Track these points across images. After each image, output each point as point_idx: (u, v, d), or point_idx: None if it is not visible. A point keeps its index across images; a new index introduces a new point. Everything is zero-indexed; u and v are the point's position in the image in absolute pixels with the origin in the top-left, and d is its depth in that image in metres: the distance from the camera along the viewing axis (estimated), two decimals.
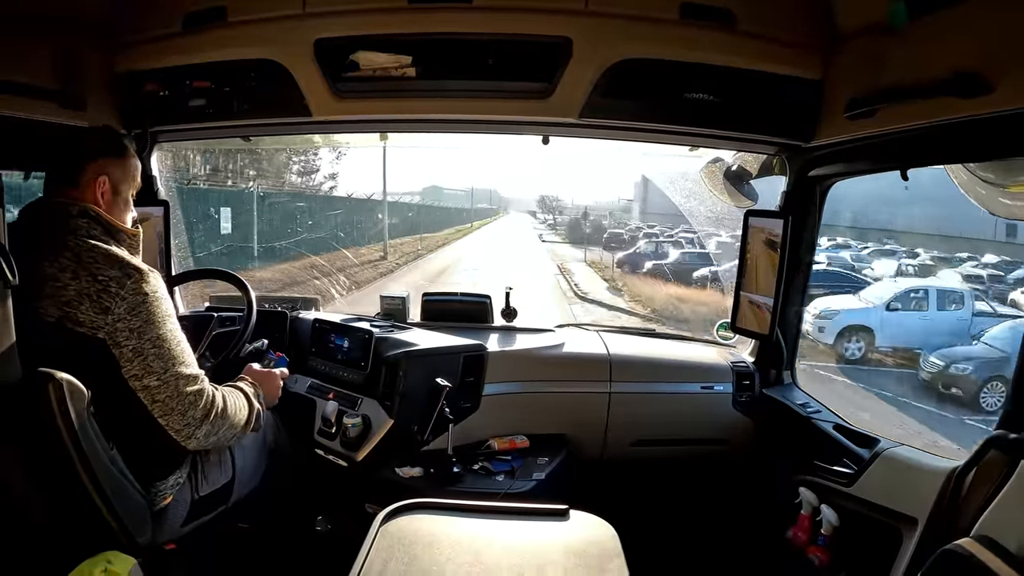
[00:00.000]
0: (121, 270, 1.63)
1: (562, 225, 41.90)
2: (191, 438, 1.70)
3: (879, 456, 2.04)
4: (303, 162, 19.53)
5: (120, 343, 1.61)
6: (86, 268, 1.61)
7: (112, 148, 1.82)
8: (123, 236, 1.76)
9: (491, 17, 2.13)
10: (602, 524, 1.58)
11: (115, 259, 1.65)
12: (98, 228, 1.71)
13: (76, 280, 1.60)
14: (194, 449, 1.76)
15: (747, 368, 2.81)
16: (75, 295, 1.59)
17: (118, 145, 1.85)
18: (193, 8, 2.22)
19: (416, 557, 1.40)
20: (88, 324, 1.59)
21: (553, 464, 2.51)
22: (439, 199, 45.10)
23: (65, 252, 1.62)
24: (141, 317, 1.63)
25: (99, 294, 1.60)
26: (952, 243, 18.04)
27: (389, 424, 2.43)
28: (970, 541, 1.40)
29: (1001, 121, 1.55)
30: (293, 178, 19.43)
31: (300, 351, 2.80)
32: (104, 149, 1.80)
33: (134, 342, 1.62)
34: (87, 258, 1.63)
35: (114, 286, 1.61)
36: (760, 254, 2.54)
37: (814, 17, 2.09)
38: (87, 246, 1.65)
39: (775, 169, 2.62)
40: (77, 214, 1.69)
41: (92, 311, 1.59)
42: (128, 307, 1.61)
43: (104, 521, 1.60)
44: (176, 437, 1.69)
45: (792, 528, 2.28)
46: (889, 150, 2.01)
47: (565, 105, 2.23)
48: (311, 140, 3.01)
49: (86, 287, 1.60)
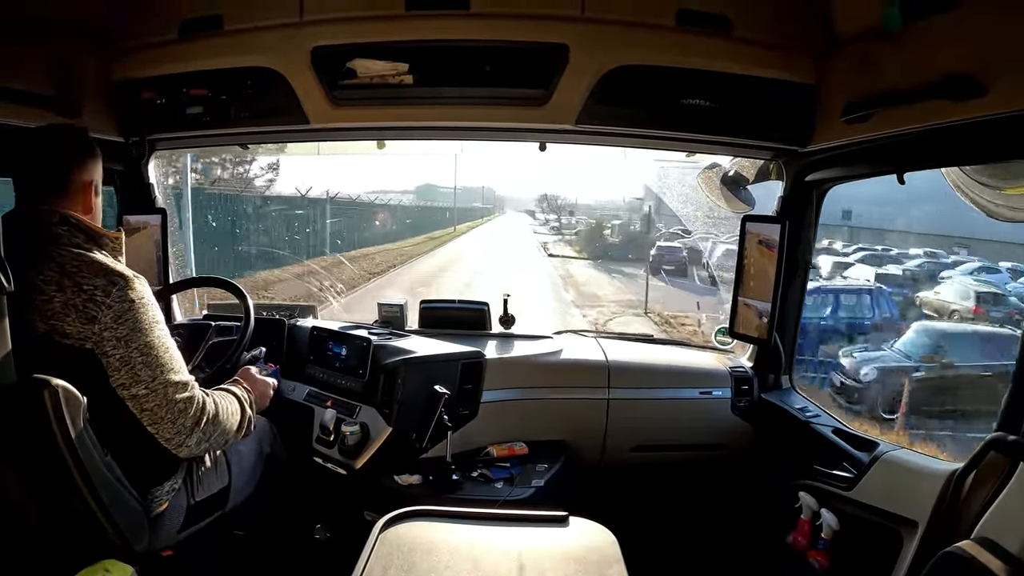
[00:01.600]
0: (106, 278, 1.60)
1: (570, 229, 37.18)
2: (182, 446, 1.67)
3: (878, 460, 2.03)
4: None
5: (107, 352, 1.58)
6: (71, 278, 1.58)
7: (89, 147, 1.76)
8: (105, 241, 1.71)
9: (488, 24, 2.14)
10: (602, 530, 1.58)
11: (99, 267, 1.62)
12: (80, 236, 1.66)
13: (61, 292, 1.57)
14: (186, 457, 1.72)
15: (745, 373, 2.80)
16: (60, 307, 1.56)
17: (90, 142, 1.78)
18: (189, 15, 2.22)
19: (415, 565, 1.39)
20: (75, 336, 1.57)
21: (552, 471, 2.50)
22: (433, 198, 42.56)
23: (49, 263, 1.59)
24: (128, 325, 1.60)
25: (85, 304, 1.57)
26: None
27: (387, 432, 2.42)
28: (971, 543, 1.41)
29: (996, 124, 1.56)
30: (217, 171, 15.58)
31: (298, 359, 2.80)
32: (83, 150, 1.74)
33: (121, 351, 1.59)
34: (71, 268, 1.59)
35: (100, 295, 1.58)
36: (757, 259, 2.54)
37: (809, 23, 2.10)
38: (71, 255, 1.61)
39: (772, 174, 2.63)
40: (58, 222, 1.64)
41: (78, 322, 1.56)
42: (114, 315, 1.58)
43: (100, 528, 1.59)
44: (167, 446, 1.66)
45: (792, 533, 2.27)
46: (885, 154, 2.02)
47: (562, 112, 2.23)
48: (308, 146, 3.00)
49: (71, 298, 1.57)
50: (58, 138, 1.73)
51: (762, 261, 2.51)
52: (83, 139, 1.77)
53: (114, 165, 2.61)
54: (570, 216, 41.33)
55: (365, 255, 18.59)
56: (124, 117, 2.40)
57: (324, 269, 9.81)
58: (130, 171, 2.69)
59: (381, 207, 24.06)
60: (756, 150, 2.51)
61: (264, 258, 13.73)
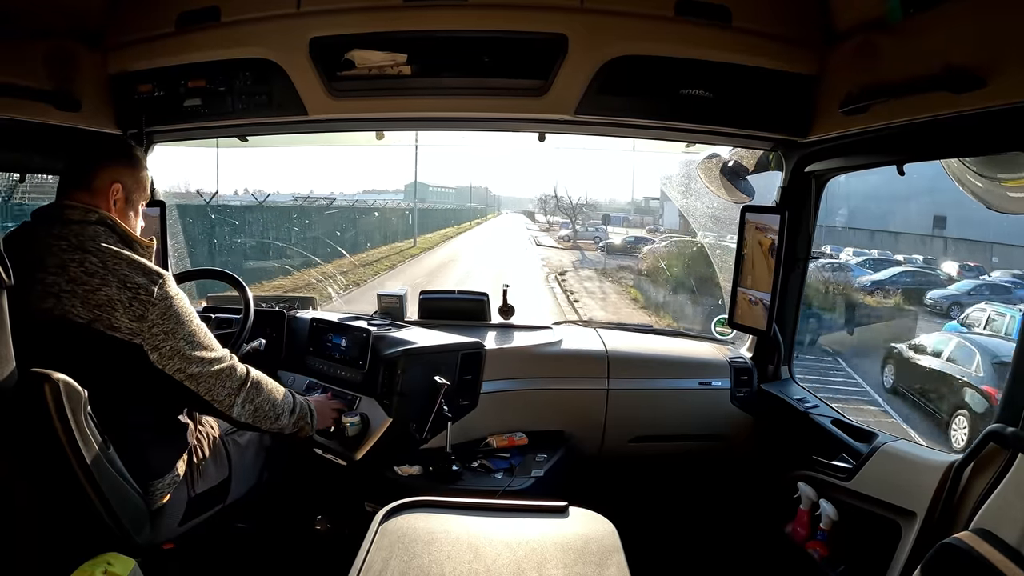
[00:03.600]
0: (147, 276, 1.69)
1: (588, 239, 30.13)
2: (232, 406, 1.85)
3: (877, 450, 2.04)
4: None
5: (158, 346, 1.70)
6: (114, 274, 1.66)
7: (127, 156, 1.87)
8: (137, 247, 1.78)
9: (487, 14, 2.13)
10: (601, 520, 1.58)
11: (139, 266, 1.70)
12: (114, 237, 1.75)
13: (106, 286, 1.64)
14: (236, 417, 1.88)
15: (745, 364, 2.81)
16: (106, 300, 1.64)
17: (132, 155, 1.89)
18: (186, 8, 2.21)
19: (416, 555, 1.40)
20: (124, 330, 1.65)
21: (552, 461, 2.51)
22: (424, 197, 36.78)
23: (90, 256, 1.66)
24: (173, 319, 1.72)
25: (131, 301, 1.65)
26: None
27: (387, 423, 2.43)
28: (969, 534, 1.41)
29: (995, 116, 1.56)
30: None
31: (298, 350, 2.80)
32: (119, 156, 1.86)
33: (171, 342, 1.71)
34: (113, 264, 1.67)
35: (143, 293, 1.66)
36: (757, 249, 2.54)
37: (809, 13, 2.09)
38: (111, 252, 1.69)
39: (771, 165, 2.62)
40: (96, 221, 1.73)
41: (126, 318, 1.65)
42: (159, 312, 1.69)
43: (102, 521, 1.60)
44: (220, 408, 1.84)
45: (791, 523, 2.29)
46: (884, 145, 2.02)
47: (561, 102, 2.23)
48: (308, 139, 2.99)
49: (116, 293, 1.64)
50: (95, 141, 1.95)
51: (761, 252, 2.51)
52: (122, 147, 1.94)
53: None
54: (584, 214, 33.14)
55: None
56: (122, 110, 2.39)
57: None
58: None
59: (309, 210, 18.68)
60: (756, 140, 2.50)
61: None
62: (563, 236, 33.92)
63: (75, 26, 2.18)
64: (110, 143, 1.94)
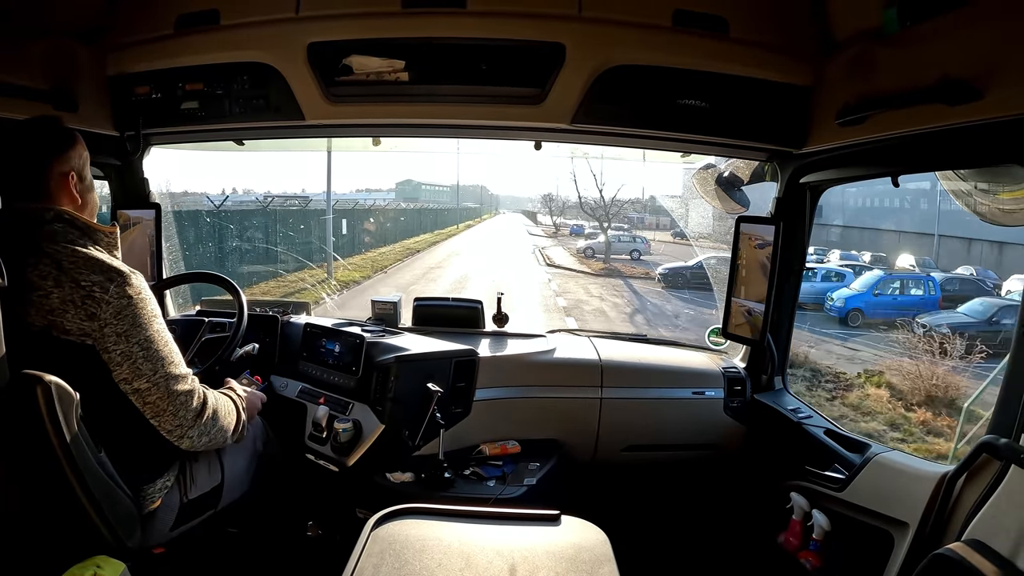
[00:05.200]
0: (104, 274, 1.60)
1: (621, 253, 24.55)
2: (183, 438, 1.69)
3: (870, 461, 2.04)
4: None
5: (108, 348, 1.58)
6: (68, 274, 1.58)
7: (66, 138, 1.72)
8: (100, 236, 1.70)
9: (485, 22, 2.13)
10: (593, 529, 1.58)
11: (96, 263, 1.61)
12: (75, 231, 1.65)
13: (59, 288, 1.56)
14: (187, 449, 1.73)
15: (738, 373, 2.81)
16: (59, 303, 1.56)
17: (69, 132, 1.74)
18: (185, 10, 2.21)
19: (407, 562, 1.39)
20: (76, 332, 1.56)
21: (544, 469, 2.50)
22: (417, 196, 36.02)
23: (44, 259, 1.58)
24: (127, 320, 1.60)
25: (83, 300, 1.56)
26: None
27: (380, 429, 2.42)
28: (961, 545, 1.41)
29: (990, 128, 1.57)
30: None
31: (291, 355, 2.79)
32: (60, 142, 1.70)
33: (122, 346, 1.59)
34: (68, 264, 1.59)
35: (98, 291, 1.57)
36: (751, 260, 2.55)
37: (806, 25, 2.11)
38: (67, 251, 1.60)
39: (766, 175, 2.63)
40: (52, 219, 1.63)
41: (78, 318, 1.56)
42: (114, 311, 1.58)
43: (92, 524, 1.58)
44: (169, 438, 1.68)
45: (783, 533, 2.28)
46: (879, 157, 2.03)
47: (557, 110, 2.23)
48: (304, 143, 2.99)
49: (69, 294, 1.56)
50: (31, 132, 1.70)
51: (756, 262, 2.52)
52: (57, 129, 1.73)
53: (109, 160, 2.60)
54: (632, 235, 25.71)
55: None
56: (119, 111, 2.39)
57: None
58: (125, 166, 2.68)
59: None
60: (751, 151, 2.51)
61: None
62: (582, 249, 26.33)
63: (74, 25, 2.18)
64: (41, 131, 1.70)
